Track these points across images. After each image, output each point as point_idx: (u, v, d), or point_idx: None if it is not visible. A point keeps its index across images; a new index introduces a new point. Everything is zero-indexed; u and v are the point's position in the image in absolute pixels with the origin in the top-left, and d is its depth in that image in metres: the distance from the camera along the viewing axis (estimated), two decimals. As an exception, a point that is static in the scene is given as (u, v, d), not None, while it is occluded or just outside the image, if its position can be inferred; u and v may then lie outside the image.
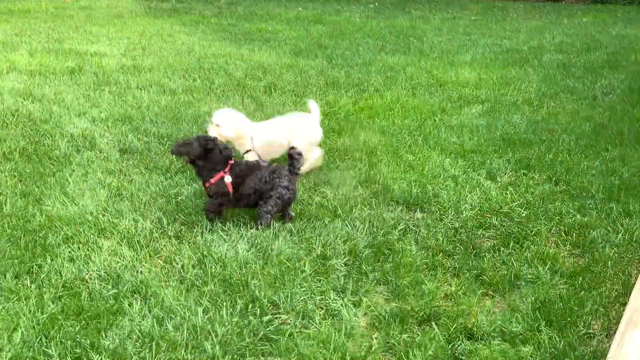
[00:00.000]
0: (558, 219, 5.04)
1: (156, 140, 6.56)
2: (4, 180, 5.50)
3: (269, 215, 4.80)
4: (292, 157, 4.87)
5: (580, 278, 4.21)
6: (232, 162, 4.89)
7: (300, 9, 17.22)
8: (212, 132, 5.45)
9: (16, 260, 4.26)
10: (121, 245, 4.50)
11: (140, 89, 8.31)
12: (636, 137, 6.95)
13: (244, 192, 4.84)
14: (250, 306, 3.86)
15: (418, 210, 5.21)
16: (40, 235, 4.60)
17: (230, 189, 4.82)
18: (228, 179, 4.82)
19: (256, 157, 5.54)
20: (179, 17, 14.93)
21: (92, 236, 4.61)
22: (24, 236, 4.58)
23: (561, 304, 3.90)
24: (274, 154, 5.80)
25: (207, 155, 4.84)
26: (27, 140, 6.46)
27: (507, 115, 7.66)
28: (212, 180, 4.85)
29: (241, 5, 17.57)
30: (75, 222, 4.80)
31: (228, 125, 5.47)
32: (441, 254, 4.56)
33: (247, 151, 5.53)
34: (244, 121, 5.59)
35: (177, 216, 4.94)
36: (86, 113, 7.32)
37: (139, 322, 3.67)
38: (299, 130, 5.77)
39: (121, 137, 6.63)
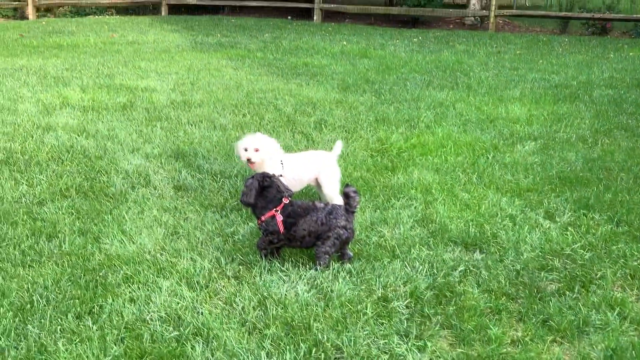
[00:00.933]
0: (623, 262, 4.93)
1: (210, 177, 6.56)
2: (62, 217, 5.53)
3: (327, 256, 4.75)
4: (347, 196, 4.82)
5: (652, 325, 4.10)
6: (286, 201, 4.87)
7: (344, 42, 17.26)
8: (244, 155, 5.47)
9: (77, 300, 4.26)
10: (180, 286, 4.48)
11: (192, 125, 8.35)
12: (696, 176, 6.82)
13: (297, 233, 4.80)
14: (313, 350, 3.80)
15: (477, 251, 5.13)
16: (100, 274, 4.60)
17: (281, 228, 4.79)
18: (279, 217, 4.79)
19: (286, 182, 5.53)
20: (225, 52, 15.04)
21: (151, 276, 4.59)
22: (84, 275, 4.59)
23: (633, 351, 3.80)
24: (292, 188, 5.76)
25: (262, 192, 4.83)
26: (83, 176, 6.50)
27: (562, 153, 7.56)
28: (263, 218, 4.83)
29: (285, 40, 17.65)
30: (134, 261, 4.79)
31: (266, 149, 5.48)
32: (504, 297, 4.47)
33: (280, 175, 5.48)
34: (278, 145, 5.63)
35: (234, 256, 4.91)
36: (139, 149, 7.36)
37: (203, 366, 3.64)
38: (318, 167, 5.81)
39: (175, 174, 6.65)
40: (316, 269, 4.70)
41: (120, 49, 15.02)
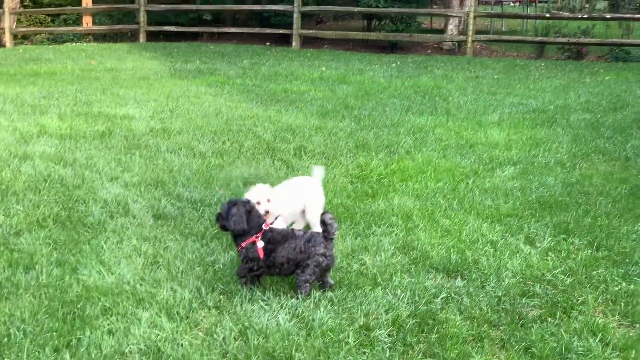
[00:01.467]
0: (604, 287, 4.94)
1: (190, 206, 6.53)
2: (39, 248, 5.47)
3: (308, 284, 4.72)
4: (325, 223, 4.80)
5: (634, 351, 4.09)
6: (266, 227, 4.85)
7: (323, 68, 17.30)
8: (262, 208, 5.26)
9: (55, 333, 4.20)
10: (160, 317, 4.43)
11: (171, 152, 8.32)
12: (674, 200, 6.86)
13: (277, 260, 4.77)
14: (295, 381, 3.77)
15: (459, 278, 5.12)
16: (78, 306, 4.55)
17: (261, 255, 4.76)
18: (260, 244, 4.76)
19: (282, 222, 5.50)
20: (204, 78, 15.02)
21: (130, 307, 4.54)
22: (61, 307, 4.52)
23: (616, 378, 3.79)
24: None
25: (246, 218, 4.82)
26: (61, 206, 6.45)
27: (541, 177, 7.59)
28: (244, 244, 4.80)
29: (264, 66, 17.67)
30: (112, 292, 4.74)
31: (274, 197, 5.38)
32: (486, 324, 4.46)
33: (277, 217, 5.42)
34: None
35: (215, 285, 4.87)
36: (118, 178, 7.31)
37: (184, 399, 3.59)
38: (305, 195, 5.80)
39: (154, 202, 6.60)
40: (297, 298, 4.67)
41: (99, 76, 14.97)
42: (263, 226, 4.83)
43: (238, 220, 4.76)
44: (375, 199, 6.80)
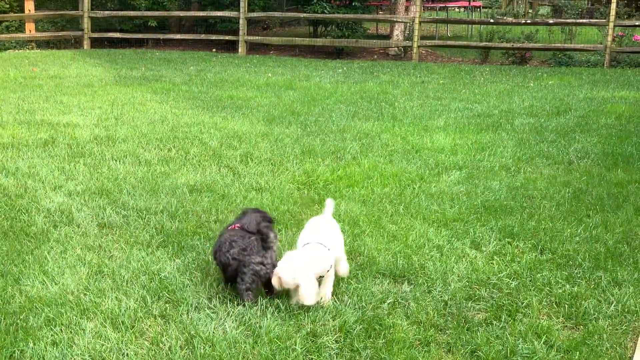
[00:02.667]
0: (548, 290, 5.00)
1: (135, 214, 6.45)
2: (-20, 259, 5.37)
3: (249, 292, 4.69)
4: (261, 232, 4.81)
5: (578, 353, 4.15)
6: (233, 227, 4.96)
7: (269, 74, 17.28)
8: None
9: (-3, 346, 4.12)
10: (105, 327, 4.37)
11: (116, 160, 8.22)
12: (616, 202, 6.98)
13: (219, 264, 4.82)
14: (242, 390, 3.75)
15: (405, 283, 5.14)
16: (21, 317, 4.47)
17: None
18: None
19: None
20: (149, 85, 14.90)
21: (74, 317, 4.48)
22: (4, 319, 4.44)
23: (561, 380, 3.84)
24: None
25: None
26: (3, 216, 6.33)
27: (486, 182, 7.66)
28: None
29: (210, 72, 17.59)
30: (56, 302, 4.66)
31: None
32: (433, 328, 4.48)
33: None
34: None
35: (161, 294, 4.82)
36: (62, 186, 7.21)
37: (129, 410, 3.54)
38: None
39: (99, 211, 6.52)
40: (243, 305, 4.64)
41: (42, 84, 14.76)
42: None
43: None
44: (322, 205, 6.78)
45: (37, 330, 4.32)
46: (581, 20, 21.92)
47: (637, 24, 21.21)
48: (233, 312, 4.56)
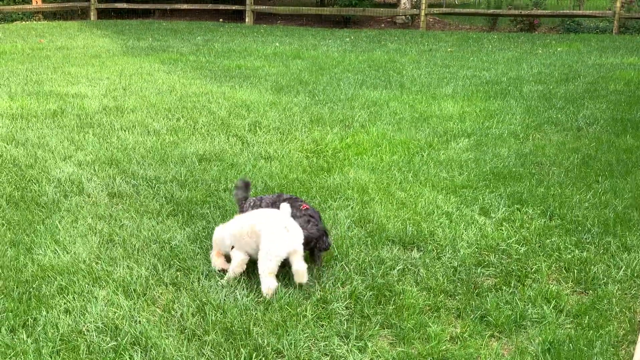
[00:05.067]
0: (557, 255, 5.02)
1: (145, 183, 6.48)
2: (-8, 229, 5.40)
3: None
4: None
5: (587, 317, 4.17)
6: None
7: (277, 44, 17.23)
8: None
9: (11, 314, 4.16)
10: (117, 295, 4.41)
11: (125, 130, 8.23)
12: (625, 168, 6.98)
13: None
14: (254, 355, 3.78)
15: (415, 250, 5.16)
16: (34, 286, 4.50)
17: None
18: None
19: None
20: (157, 56, 14.88)
21: (86, 286, 4.51)
22: (17, 287, 4.48)
23: (570, 344, 3.86)
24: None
25: None
26: (14, 186, 6.35)
27: (495, 149, 7.66)
28: None
29: (218, 42, 17.55)
30: (68, 271, 4.70)
31: None
32: (442, 294, 4.51)
33: None
34: None
35: (172, 262, 4.85)
36: (72, 157, 7.23)
37: (143, 376, 3.59)
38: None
39: (109, 181, 6.54)
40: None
41: (49, 55, 14.75)
42: None
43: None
44: (331, 173, 6.81)
45: (50, 298, 4.36)
46: (590, -14, 21.75)
47: (646, -11, 21.07)
48: (243, 280, 4.58)
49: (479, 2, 27.24)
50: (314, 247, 4.70)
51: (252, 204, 5.10)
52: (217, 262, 4.80)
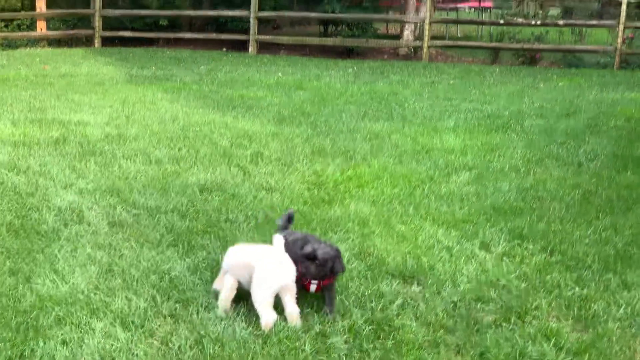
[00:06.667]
0: (557, 292, 5.00)
1: (146, 213, 6.47)
2: (-9, 257, 5.39)
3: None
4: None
5: (587, 355, 4.15)
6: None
7: (280, 74, 17.30)
8: None
9: (8, 344, 4.14)
10: (115, 326, 4.39)
11: (127, 159, 8.24)
12: (625, 205, 6.98)
13: None
14: (252, 390, 3.76)
15: (415, 284, 5.15)
16: (32, 316, 4.49)
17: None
18: None
19: None
20: (160, 84, 14.93)
21: (84, 317, 4.50)
22: (15, 317, 4.46)
23: (570, 382, 3.84)
24: None
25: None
26: (14, 214, 6.35)
27: (496, 183, 7.66)
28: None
29: (221, 71, 17.62)
30: (66, 301, 4.68)
31: None
32: (442, 329, 4.49)
33: None
34: None
35: (171, 293, 4.84)
36: (73, 185, 7.23)
37: (139, 409, 3.56)
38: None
39: (110, 210, 6.54)
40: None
41: (53, 82, 14.79)
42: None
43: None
44: (332, 205, 6.81)
45: (48, 329, 4.35)
46: (591, 22, 21.92)
47: (647, 25, 21.19)
48: (242, 312, 4.57)
49: (481, 35, 27.36)
50: (332, 270, 4.61)
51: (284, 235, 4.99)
52: (216, 282, 4.82)
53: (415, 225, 6.32)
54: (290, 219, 5.28)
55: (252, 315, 4.52)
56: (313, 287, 4.69)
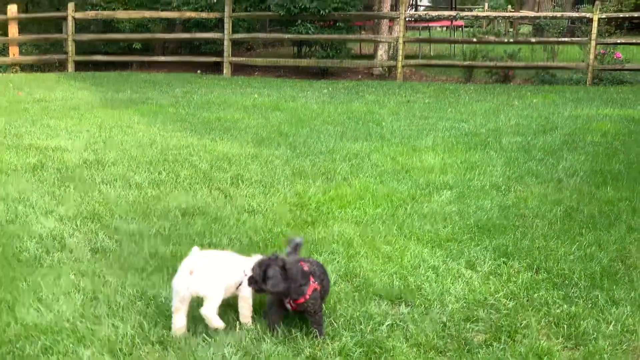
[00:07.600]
0: (546, 310, 5.00)
1: (128, 238, 6.41)
2: (-26, 287, 5.31)
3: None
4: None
5: (579, 373, 4.15)
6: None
7: (256, 95, 17.28)
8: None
9: (-6, 375, 4.08)
10: (102, 354, 4.34)
11: (106, 184, 8.17)
12: (608, 220, 7.01)
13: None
14: (245, 416, 3.72)
15: (403, 304, 5.13)
16: (17, 346, 4.42)
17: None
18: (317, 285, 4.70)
19: None
20: (136, 108, 14.85)
21: (71, 345, 4.44)
22: (0, 347, 4.40)
23: (564, 401, 3.83)
24: None
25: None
26: (-6, 242, 6.28)
27: (477, 201, 7.67)
28: (308, 295, 4.60)
29: (196, 94, 17.58)
30: (52, 330, 4.62)
31: None
32: (433, 350, 4.47)
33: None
34: None
35: (158, 319, 4.79)
36: (53, 211, 7.15)
37: None
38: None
39: (91, 236, 6.48)
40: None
41: (28, 108, 14.67)
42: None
43: (276, 283, 4.48)
44: (315, 227, 6.79)
45: (35, 358, 4.29)
46: (564, 39, 22.09)
47: (618, 41, 21.44)
48: (231, 337, 4.53)
49: (454, 53, 27.53)
50: (264, 278, 4.49)
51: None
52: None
53: (400, 245, 6.31)
54: (296, 246, 5.19)
55: (241, 340, 4.49)
56: (289, 306, 4.66)
